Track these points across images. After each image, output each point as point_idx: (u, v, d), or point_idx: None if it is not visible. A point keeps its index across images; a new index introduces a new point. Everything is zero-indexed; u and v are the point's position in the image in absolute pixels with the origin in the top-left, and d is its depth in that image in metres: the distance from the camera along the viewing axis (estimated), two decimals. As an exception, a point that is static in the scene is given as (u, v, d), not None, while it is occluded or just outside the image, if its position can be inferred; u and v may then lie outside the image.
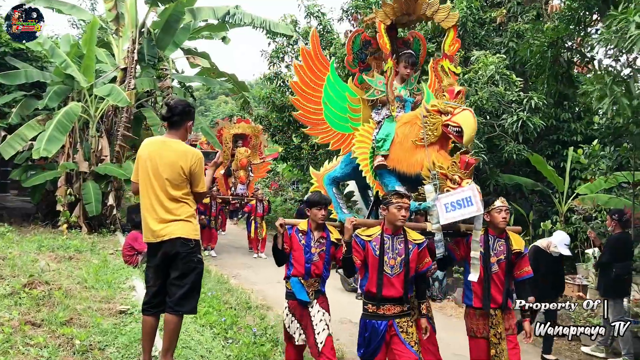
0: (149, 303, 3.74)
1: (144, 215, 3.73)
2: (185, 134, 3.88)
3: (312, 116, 4.74)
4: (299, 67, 4.72)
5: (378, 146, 4.48)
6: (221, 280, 9.76)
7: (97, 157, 11.84)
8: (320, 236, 4.32)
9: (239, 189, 13.94)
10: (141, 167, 3.75)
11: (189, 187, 3.78)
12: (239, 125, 14.72)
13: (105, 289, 6.00)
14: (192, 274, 3.69)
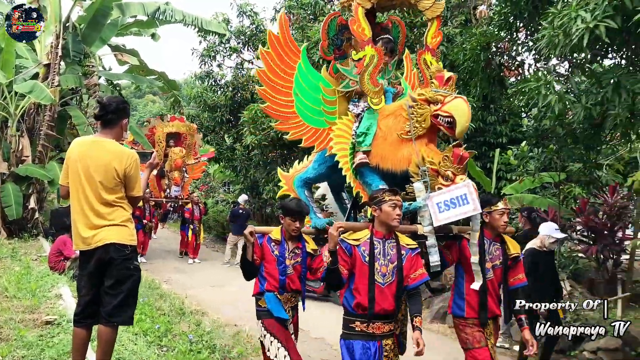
0: (81, 313, 3.51)
1: (74, 220, 3.50)
2: (121, 132, 3.67)
3: (281, 109, 4.23)
4: (266, 54, 4.17)
5: (359, 141, 4.05)
6: (152, 285, 9.45)
7: (17, 158, 11.18)
8: (295, 246, 3.95)
9: (173, 191, 13.46)
10: (71, 169, 3.52)
11: (124, 190, 3.57)
12: (173, 124, 14.17)
13: (28, 298, 5.65)
14: (128, 282, 3.50)
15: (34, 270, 7.36)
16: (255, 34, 16.51)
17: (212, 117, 16.55)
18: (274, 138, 13.47)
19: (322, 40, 4.45)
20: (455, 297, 4.00)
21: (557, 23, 4.70)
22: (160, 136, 13.75)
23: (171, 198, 13.58)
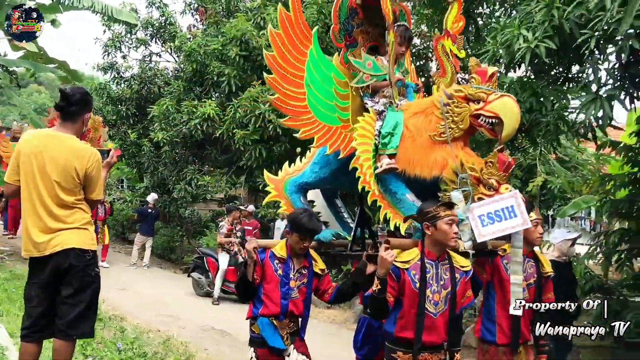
0: (30, 327, 3.19)
1: (25, 223, 3.17)
2: (81, 127, 3.38)
3: (292, 102, 3.67)
4: (276, 36, 3.60)
5: (384, 143, 3.55)
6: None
7: None
8: (301, 265, 3.50)
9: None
10: (23, 165, 3.18)
11: (83, 192, 3.27)
12: None
13: None
14: (89, 291, 3.23)
15: None
16: (164, 26, 15.96)
17: (115, 111, 15.80)
18: (186, 135, 13.07)
19: (333, 24, 3.85)
20: (484, 319, 3.66)
21: (501, 39, 4.96)
22: None
23: None
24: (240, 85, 13.00)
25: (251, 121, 11.70)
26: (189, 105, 12.72)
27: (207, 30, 14.38)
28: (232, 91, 12.86)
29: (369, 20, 3.96)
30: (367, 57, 3.80)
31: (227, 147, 13.26)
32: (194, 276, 10.39)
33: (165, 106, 13.23)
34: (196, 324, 7.92)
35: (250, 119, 11.68)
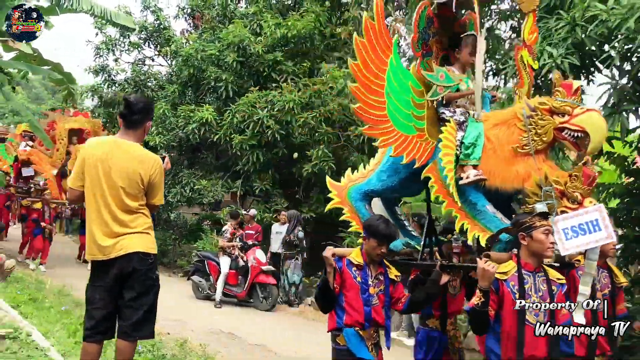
0: (94, 328, 3.30)
1: (90, 228, 3.29)
2: (143, 135, 3.51)
3: (372, 111, 3.64)
4: (361, 45, 3.57)
5: (467, 153, 3.58)
6: (63, 292, 8.91)
7: None
8: (378, 272, 3.51)
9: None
10: (88, 172, 3.30)
11: (144, 197, 3.41)
12: (76, 119, 13.15)
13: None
14: (151, 294, 3.36)
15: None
16: (158, 30, 16.02)
17: (107, 114, 15.78)
18: (182, 139, 13.15)
19: (413, 32, 3.85)
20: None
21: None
22: (62, 132, 12.75)
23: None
24: (237, 90, 13.15)
25: (249, 126, 11.84)
26: (186, 110, 12.81)
27: (202, 36, 14.47)
28: (229, 96, 12.99)
29: (443, 29, 4.04)
30: (438, 69, 3.87)
31: (223, 152, 13.39)
32: (194, 279, 10.44)
33: (162, 110, 13.29)
34: (203, 327, 8.02)
35: (249, 124, 11.83)
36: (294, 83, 12.55)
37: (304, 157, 12.18)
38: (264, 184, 12.32)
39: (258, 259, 9.73)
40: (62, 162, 12.67)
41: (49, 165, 12.63)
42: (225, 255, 9.93)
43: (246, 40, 12.93)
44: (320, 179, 12.29)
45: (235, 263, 9.92)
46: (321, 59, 13.64)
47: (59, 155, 12.66)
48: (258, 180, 12.43)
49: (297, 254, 10.10)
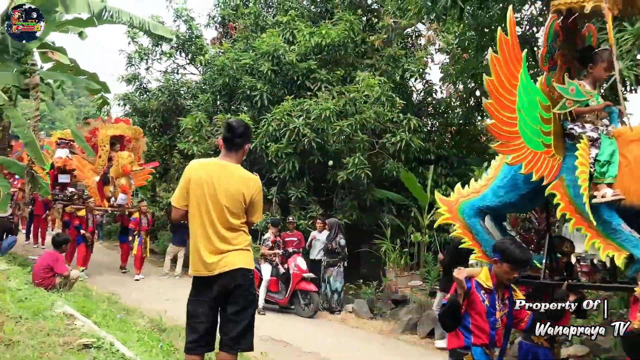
0: (197, 342, 3.47)
1: (196, 245, 3.46)
2: (242, 157, 3.68)
3: (505, 127, 3.63)
4: (495, 60, 3.53)
5: (602, 172, 3.57)
6: (111, 300, 9.08)
7: (-54, 161, 10.21)
8: (504, 296, 3.50)
9: (120, 199, 12.63)
10: (194, 192, 3.48)
11: (245, 215, 3.58)
12: (118, 126, 13.26)
13: (41, 319, 5.29)
14: (251, 308, 3.53)
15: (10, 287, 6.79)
16: (190, 39, 16.24)
17: (142, 122, 16.01)
18: (218, 147, 13.28)
19: (542, 47, 3.84)
20: None
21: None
22: (104, 139, 12.89)
23: (116, 207, 12.78)
24: (271, 99, 13.32)
25: (285, 134, 11.99)
26: (222, 119, 12.98)
27: (235, 45, 14.67)
28: (264, 105, 13.16)
29: (568, 43, 4.03)
30: (570, 82, 3.83)
31: (257, 160, 13.54)
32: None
33: (198, 119, 13.49)
34: (254, 335, 8.15)
35: (285, 132, 11.97)
36: (328, 91, 12.70)
37: (338, 165, 12.33)
38: (300, 191, 12.46)
39: (299, 266, 9.80)
40: (103, 169, 12.81)
41: (91, 172, 12.77)
42: (266, 263, 10.05)
43: (280, 49, 13.10)
44: (355, 185, 12.45)
45: (277, 270, 10.06)
46: (352, 66, 13.79)
47: (100, 162, 12.79)
48: (293, 187, 12.58)
49: (339, 261, 10.20)
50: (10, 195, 10.78)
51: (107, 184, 12.70)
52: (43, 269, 7.27)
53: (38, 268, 7.35)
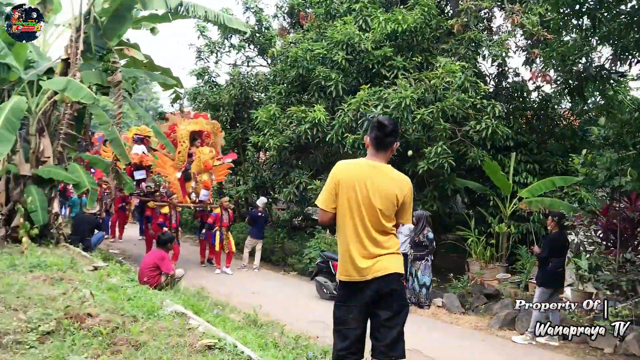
0: (348, 349, 3.28)
1: (347, 249, 3.28)
2: (390, 155, 3.45)
3: None
4: None
5: None
6: (201, 294, 9.09)
7: (37, 159, 10.43)
8: None
9: (202, 195, 12.60)
10: (344, 194, 3.29)
11: (394, 218, 3.37)
12: (197, 121, 13.24)
13: (156, 319, 5.25)
14: (403, 313, 3.31)
15: (116, 284, 6.84)
16: (259, 30, 16.17)
17: (213, 116, 16.08)
18: (294, 140, 13.19)
19: None
20: None
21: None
22: (184, 134, 12.90)
23: (198, 203, 12.78)
24: (346, 89, 13.08)
25: (362, 125, 11.72)
26: (298, 111, 12.84)
27: (306, 35, 14.49)
28: (339, 95, 12.94)
29: None
30: None
31: (332, 151, 13.35)
32: (318, 280, 10.46)
33: (272, 111, 13.40)
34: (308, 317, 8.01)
35: (363, 122, 11.70)
36: (405, 78, 12.34)
37: (417, 154, 12.00)
38: (378, 182, 12.17)
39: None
40: (184, 165, 12.83)
41: (172, 168, 12.82)
42: None
43: (355, 37, 12.83)
44: (434, 175, 12.09)
45: None
46: (428, 52, 13.38)
47: (180, 158, 12.82)
48: (370, 178, 12.30)
49: (426, 254, 9.89)
50: (96, 191, 10.95)
51: (188, 180, 12.70)
52: (149, 268, 7.30)
53: (144, 266, 7.40)
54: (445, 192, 12.23)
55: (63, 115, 10.92)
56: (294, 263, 13.72)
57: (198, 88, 17.00)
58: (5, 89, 10.71)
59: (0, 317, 4.89)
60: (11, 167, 9.85)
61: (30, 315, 4.98)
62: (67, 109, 10.87)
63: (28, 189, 9.93)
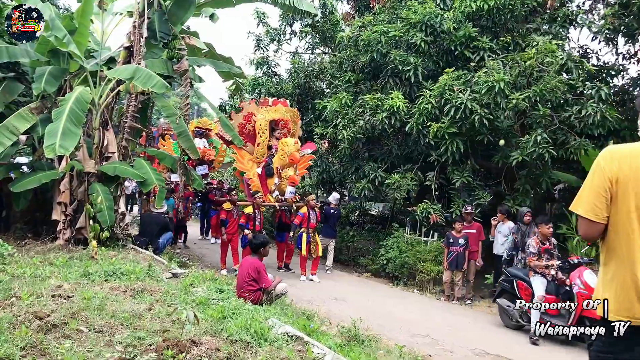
0: None
1: (634, 278, 2.21)
2: None
3: None
4: None
5: None
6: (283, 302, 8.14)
7: (101, 154, 9.70)
8: None
9: (287, 193, 11.19)
10: (629, 199, 2.23)
11: None
12: (277, 109, 11.79)
13: (269, 345, 4.31)
14: None
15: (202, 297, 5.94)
16: (324, 15, 15.15)
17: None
18: (367, 131, 12.16)
19: None
20: None
21: None
22: (263, 125, 11.55)
23: (283, 202, 11.41)
24: (427, 74, 11.98)
25: (449, 112, 10.58)
26: (373, 99, 11.81)
27: (378, 17, 13.40)
28: (419, 80, 11.84)
29: None
30: None
31: (410, 142, 12.26)
32: (501, 303, 8.46)
33: (344, 100, 12.40)
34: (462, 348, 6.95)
35: (450, 110, 10.57)
36: (492, 60, 11.13)
37: (509, 144, 10.84)
38: (465, 175, 11.03)
39: (587, 284, 7.04)
40: (264, 159, 11.57)
41: (252, 162, 11.61)
42: (537, 275, 7.80)
43: (435, 17, 11.70)
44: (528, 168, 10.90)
45: (555, 286, 7.79)
46: (514, 31, 12.13)
47: (260, 151, 11.59)
48: (457, 171, 11.17)
49: (546, 263, 8.64)
50: (164, 189, 10.14)
51: (270, 176, 11.37)
52: (246, 282, 6.28)
53: (241, 280, 6.38)
54: (540, 187, 10.98)
55: (127, 107, 10.15)
56: (367, 263, 12.73)
57: (258, 78, 16.09)
58: (66, 80, 9.99)
59: (87, 342, 4.04)
60: (75, 163, 9.10)
61: (119, 339, 4.12)
62: (131, 100, 10.09)
63: (93, 187, 9.19)
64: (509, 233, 9.34)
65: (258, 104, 12.09)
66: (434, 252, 10.91)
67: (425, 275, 10.77)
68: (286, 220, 11.57)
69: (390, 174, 11.93)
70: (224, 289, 6.41)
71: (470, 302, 9.79)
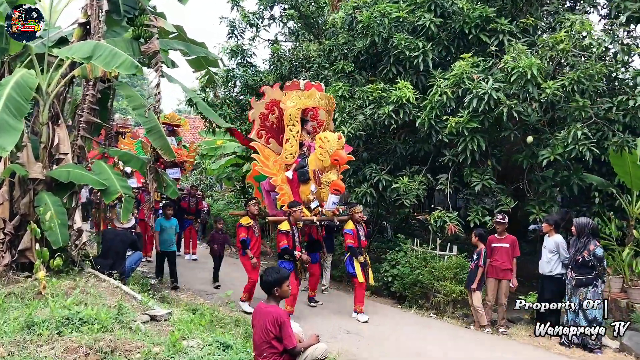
0: None
1: None
2: None
3: None
4: None
5: None
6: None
7: (51, 156, 7.69)
8: None
9: (330, 204, 8.43)
10: None
11: None
12: (310, 93, 9.02)
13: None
14: None
15: None
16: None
17: (246, 102, 13.34)
18: (370, 127, 10.49)
19: None
20: None
21: None
22: (294, 114, 8.80)
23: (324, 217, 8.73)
24: (437, 61, 10.38)
25: (470, 104, 8.99)
26: (375, 89, 10.13)
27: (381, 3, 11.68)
28: (428, 68, 10.21)
29: None
30: None
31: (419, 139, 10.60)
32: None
33: (341, 92, 10.68)
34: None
35: (470, 101, 8.98)
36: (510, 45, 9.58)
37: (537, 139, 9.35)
38: (486, 178, 9.45)
39: None
40: (295, 160, 8.92)
41: (278, 164, 8.99)
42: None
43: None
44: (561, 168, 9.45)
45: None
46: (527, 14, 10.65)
47: (290, 150, 8.91)
48: (476, 173, 9.58)
49: (595, 278, 7.16)
50: (132, 199, 8.14)
51: (305, 182, 8.65)
52: (265, 340, 4.26)
53: (259, 338, 4.35)
54: (571, 191, 9.49)
55: (83, 97, 8.14)
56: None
57: (232, 69, 14.14)
58: (4, 62, 7.94)
59: None
60: (16, 167, 7.07)
61: None
62: (88, 88, 8.09)
63: (40, 198, 7.18)
64: (555, 249, 7.77)
65: (284, 88, 9.46)
66: (454, 269, 9.28)
67: (445, 297, 9.12)
68: (318, 236, 9.17)
69: (395, 176, 10.28)
70: (228, 342, 4.57)
71: (505, 330, 8.19)
